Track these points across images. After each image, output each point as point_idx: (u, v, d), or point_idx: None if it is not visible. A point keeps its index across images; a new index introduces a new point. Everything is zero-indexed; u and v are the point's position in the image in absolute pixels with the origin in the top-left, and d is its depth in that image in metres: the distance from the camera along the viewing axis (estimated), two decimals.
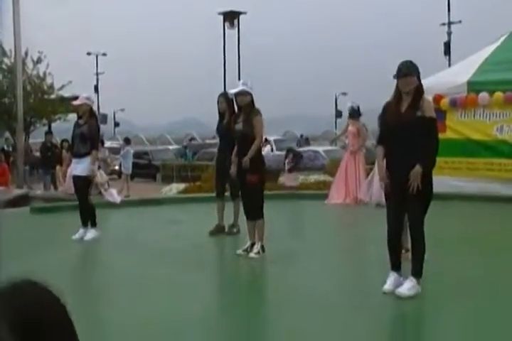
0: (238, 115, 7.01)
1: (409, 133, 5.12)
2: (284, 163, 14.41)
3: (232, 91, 7.05)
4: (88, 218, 8.05)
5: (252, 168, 6.70)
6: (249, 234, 6.96)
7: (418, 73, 5.20)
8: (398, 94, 5.22)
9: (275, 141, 28.22)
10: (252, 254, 6.75)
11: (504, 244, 7.95)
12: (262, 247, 6.80)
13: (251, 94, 6.85)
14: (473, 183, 12.04)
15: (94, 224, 8.06)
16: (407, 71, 5.16)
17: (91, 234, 8.00)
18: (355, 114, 11.90)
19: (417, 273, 5.08)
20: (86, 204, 8.06)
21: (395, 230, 5.21)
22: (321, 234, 8.84)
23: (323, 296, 5.19)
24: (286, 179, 14.22)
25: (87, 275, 6.60)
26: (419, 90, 5.16)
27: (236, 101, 7.01)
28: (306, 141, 34.77)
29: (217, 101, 8.18)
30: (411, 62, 5.28)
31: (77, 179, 8.09)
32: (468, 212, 10.41)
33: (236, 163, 6.94)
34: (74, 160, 8.26)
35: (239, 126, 6.89)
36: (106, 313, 5.00)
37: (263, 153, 7.85)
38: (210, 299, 5.53)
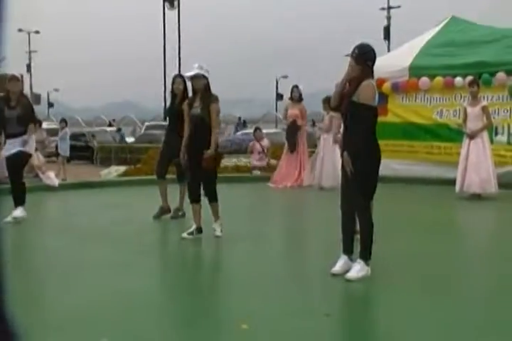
0: (193, 99, 6.84)
1: (347, 118, 5.15)
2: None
3: (187, 74, 6.85)
4: (20, 196, 7.73)
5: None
6: (194, 217, 6.88)
7: (359, 56, 5.05)
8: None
9: None
10: (218, 233, 6.84)
11: (447, 226, 8.13)
12: (222, 225, 6.91)
13: (207, 78, 6.72)
14: (413, 166, 12.25)
15: (22, 203, 7.74)
16: (350, 52, 5.12)
17: (19, 211, 7.70)
18: (300, 96, 12.10)
19: (365, 255, 5.09)
20: (21, 183, 7.74)
21: (345, 212, 5.19)
22: (267, 216, 8.81)
23: (270, 278, 5.15)
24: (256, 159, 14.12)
25: (25, 261, 6.34)
26: (357, 75, 5.05)
27: (191, 84, 6.82)
28: (243, 123, 34.80)
29: (173, 82, 8.01)
30: (359, 44, 5.17)
31: (14, 156, 7.68)
32: (407, 195, 10.58)
33: (188, 146, 6.81)
34: (9, 141, 7.83)
35: (196, 110, 6.75)
36: (47, 299, 4.80)
37: None
38: (155, 282, 5.40)
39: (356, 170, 4.99)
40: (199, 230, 6.85)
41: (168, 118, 8.31)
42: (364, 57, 5.10)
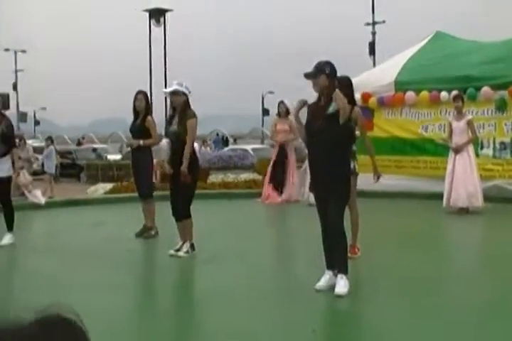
0: (172, 115, 6.84)
1: (322, 137, 5.05)
2: None
3: (166, 89, 6.88)
4: (11, 221, 7.61)
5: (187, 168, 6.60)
6: (180, 233, 6.85)
7: (333, 73, 5.11)
8: (318, 95, 5.20)
9: None
10: (181, 253, 6.71)
11: (433, 240, 8.14)
12: (192, 246, 6.76)
13: (186, 95, 6.70)
14: (400, 181, 12.25)
15: (11, 229, 7.63)
16: (309, 73, 5.14)
17: (8, 238, 7.58)
18: (287, 111, 11.97)
19: (345, 269, 5.07)
20: (11, 206, 7.63)
21: (324, 228, 5.17)
22: (253, 232, 8.77)
23: (255, 295, 5.13)
24: None
25: (11, 280, 6.27)
26: (329, 91, 5.06)
27: (170, 100, 6.84)
28: (223, 139, 33.92)
29: (135, 99, 7.93)
30: (319, 62, 5.21)
31: (3, 181, 7.54)
32: (395, 210, 10.57)
33: (170, 163, 6.78)
34: None
35: (173, 127, 6.74)
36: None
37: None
38: (141, 299, 5.36)
39: (339, 186, 5.01)
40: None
41: (132, 136, 8.22)
42: (335, 72, 5.18)
